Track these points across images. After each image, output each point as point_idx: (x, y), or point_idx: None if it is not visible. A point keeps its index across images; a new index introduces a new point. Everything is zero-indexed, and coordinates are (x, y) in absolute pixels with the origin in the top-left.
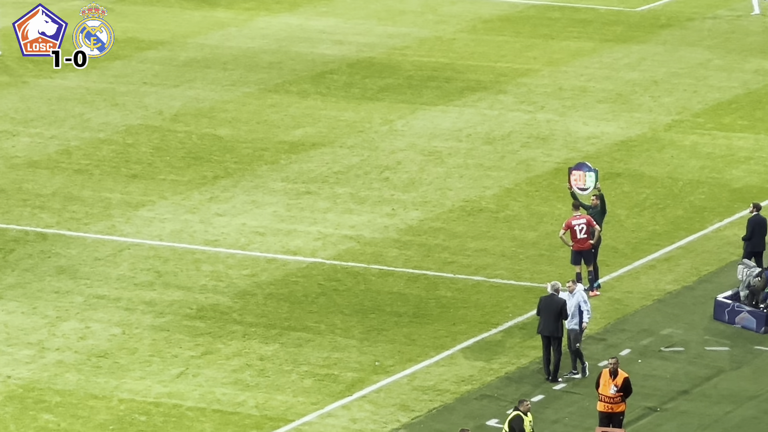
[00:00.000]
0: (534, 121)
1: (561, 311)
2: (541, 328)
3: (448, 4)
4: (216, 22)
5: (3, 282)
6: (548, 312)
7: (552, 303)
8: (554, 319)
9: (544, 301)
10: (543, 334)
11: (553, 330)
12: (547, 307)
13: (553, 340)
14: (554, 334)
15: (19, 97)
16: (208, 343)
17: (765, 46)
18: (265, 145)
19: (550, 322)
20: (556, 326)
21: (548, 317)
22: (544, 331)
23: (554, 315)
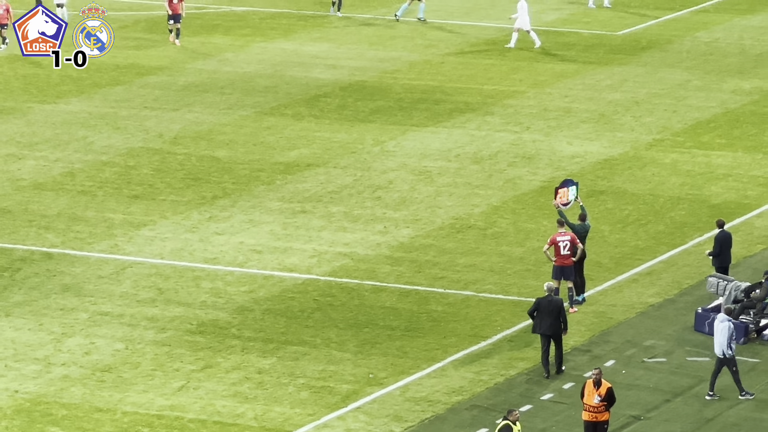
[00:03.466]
0: (520, 141)
1: (560, 310)
2: (542, 328)
3: (437, 28)
4: (213, 48)
5: (10, 300)
6: (548, 312)
7: (551, 303)
8: (554, 318)
9: (542, 302)
10: (545, 334)
11: (555, 329)
12: (547, 307)
13: (555, 338)
14: (556, 332)
15: (25, 121)
16: (209, 357)
17: (742, 67)
18: (261, 166)
19: (551, 322)
20: (557, 325)
21: (548, 317)
22: (546, 330)
23: (554, 314)
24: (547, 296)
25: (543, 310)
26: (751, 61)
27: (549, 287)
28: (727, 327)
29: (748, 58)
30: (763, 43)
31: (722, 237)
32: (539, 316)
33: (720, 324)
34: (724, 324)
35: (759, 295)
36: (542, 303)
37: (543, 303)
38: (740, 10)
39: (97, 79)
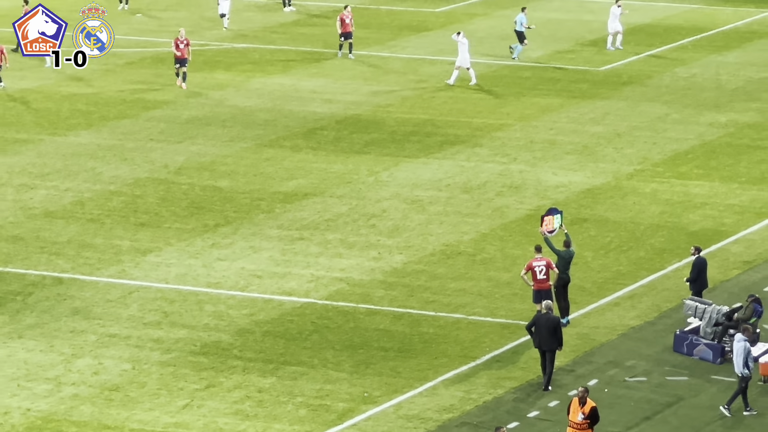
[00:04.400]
0: (507, 171)
1: (556, 327)
2: (538, 342)
3: (428, 64)
4: (216, 83)
5: (23, 322)
6: (545, 328)
7: (548, 320)
8: (551, 334)
9: (540, 318)
10: (542, 348)
11: (550, 344)
12: (545, 323)
13: (549, 353)
14: (551, 347)
15: (36, 153)
16: (211, 377)
17: (718, 101)
18: (261, 195)
19: (547, 337)
20: (553, 340)
21: (545, 332)
22: (543, 345)
23: (550, 330)
24: (546, 313)
25: (540, 326)
26: (726, 96)
27: (547, 305)
28: (743, 347)
29: (723, 92)
30: (738, 78)
31: (699, 262)
32: (537, 332)
33: (737, 344)
34: (740, 344)
35: (744, 315)
36: (540, 319)
37: (541, 319)
38: (716, 47)
39: (105, 112)
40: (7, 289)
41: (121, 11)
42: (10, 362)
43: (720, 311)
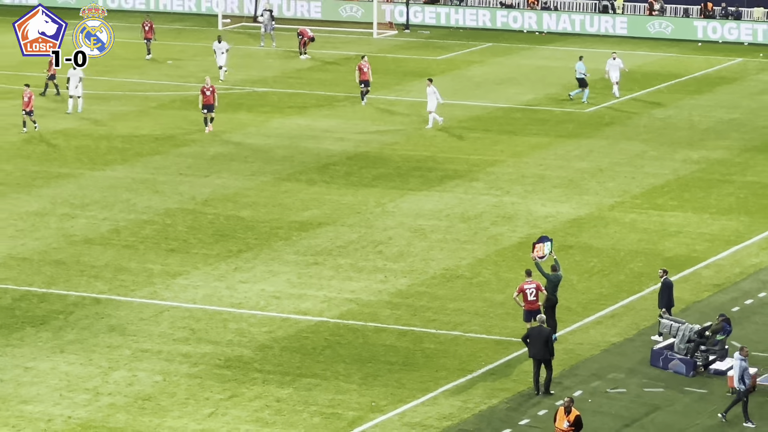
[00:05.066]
0: (501, 203)
1: (548, 339)
2: (532, 353)
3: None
4: (238, 123)
5: (64, 338)
6: (538, 339)
7: (541, 332)
8: (543, 345)
9: (533, 331)
10: (535, 358)
11: (543, 354)
12: (538, 335)
13: (545, 362)
14: (545, 357)
15: (77, 185)
16: (234, 388)
17: (691, 140)
18: (279, 224)
19: (540, 348)
20: (546, 351)
21: (538, 344)
22: (536, 355)
23: (543, 342)
24: (539, 326)
25: (533, 337)
26: (698, 135)
27: (540, 319)
28: (739, 364)
29: (696, 132)
30: (709, 119)
31: (667, 283)
32: (531, 343)
33: (735, 362)
34: (737, 362)
35: (714, 327)
36: (533, 332)
37: (534, 332)
38: (689, 91)
39: (139, 149)
40: (50, 308)
41: (147, 60)
42: (53, 374)
43: (692, 329)
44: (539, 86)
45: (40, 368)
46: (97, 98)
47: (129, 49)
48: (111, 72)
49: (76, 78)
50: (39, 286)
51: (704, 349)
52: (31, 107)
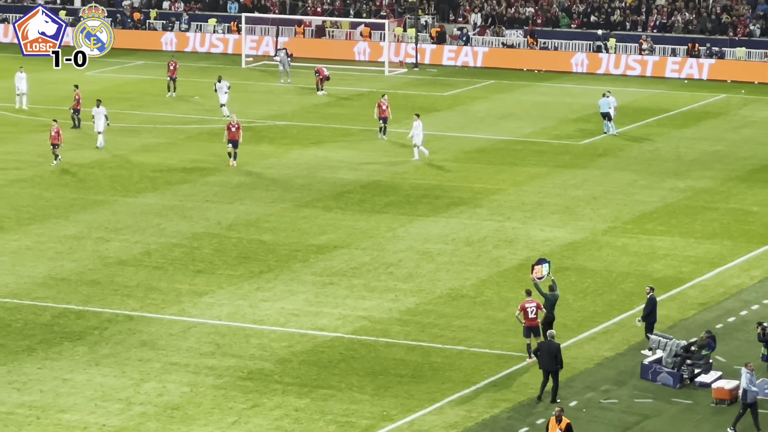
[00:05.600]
0: (502, 228)
1: (557, 352)
2: (541, 365)
3: (437, 139)
4: (260, 154)
5: (99, 352)
6: (547, 353)
7: (550, 346)
8: (552, 357)
9: (543, 344)
10: (544, 369)
11: (551, 366)
12: (547, 349)
13: (553, 373)
14: (552, 368)
15: (111, 211)
16: (256, 398)
17: (677, 170)
18: (298, 247)
19: (549, 360)
20: (554, 363)
21: (547, 357)
22: (545, 366)
23: (552, 355)
24: (548, 341)
25: (543, 351)
26: (685, 165)
27: (551, 334)
28: (746, 378)
29: (682, 162)
30: (695, 151)
31: (652, 300)
32: (540, 356)
33: (742, 376)
34: (744, 376)
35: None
36: (543, 345)
37: (543, 345)
38: (676, 124)
39: (169, 178)
40: (86, 324)
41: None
42: (89, 385)
43: (679, 345)
44: (538, 120)
45: (77, 380)
46: (130, 131)
47: (159, 86)
48: (143, 107)
49: (100, 115)
50: (76, 304)
51: (690, 363)
52: (58, 141)
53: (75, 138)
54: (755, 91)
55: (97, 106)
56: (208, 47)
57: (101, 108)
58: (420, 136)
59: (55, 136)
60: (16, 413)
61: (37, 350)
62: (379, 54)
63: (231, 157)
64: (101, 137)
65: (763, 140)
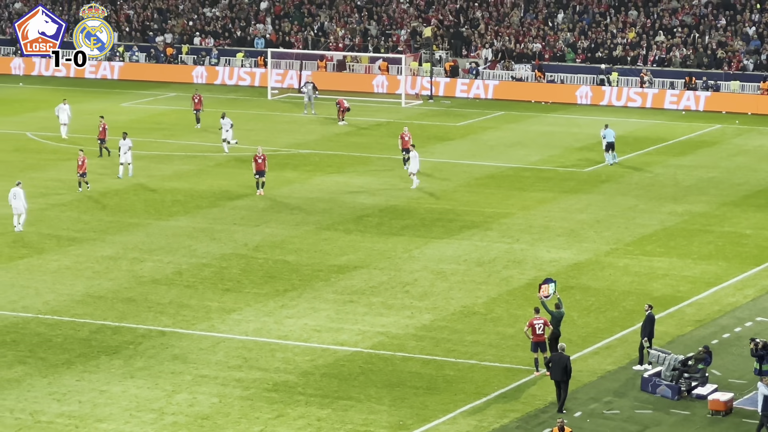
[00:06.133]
0: (512, 249)
1: (566, 364)
2: (553, 375)
3: (451, 166)
4: (285, 180)
5: (134, 365)
6: (559, 364)
7: (561, 358)
8: (562, 369)
9: (555, 356)
10: (555, 379)
11: (562, 376)
12: (558, 361)
13: (563, 383)
14: (563, 379)
15: (145, 233)
16: (281, 409)
17: (675, 195)
18: (320, 267)
19: (559, 371)
20: (564, 373)
21: (558, 368)
22: (556, 377)
23: (562, 366)
24: (559, 354)
25: (555, 362)
26: (682, 191)
27: (561, 347)
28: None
29: (680, 188)
30: (691, 177)
31: (650, 316)
32: (552, 367)
33: (759, 391)
34: (760, 390)
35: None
36: (554, 358)
37: (555, 357)
38: (674, 153)
39: (199, 202)
40: (122, 339)
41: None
42: (124, 396)
43: (677, 359)
44: (545, 149)
45: (113, 391)
46: (162, 158)
47: (190, 117)
48: (174, 136)
49: (125, 147)
50: (112, 320)
51: (687, 377)
52: (84, 169)
53: (110, 165)
54: (748, 122)
55: (123, 138)
56: (236, 80)
57: (127, 140)
58: (416, 166)
59: (81, 164)
60: (56, 422)
61: (76, 363)
62: (396, 87)
63: (258, 187)
64: (129, 167)
65: (755, 167)
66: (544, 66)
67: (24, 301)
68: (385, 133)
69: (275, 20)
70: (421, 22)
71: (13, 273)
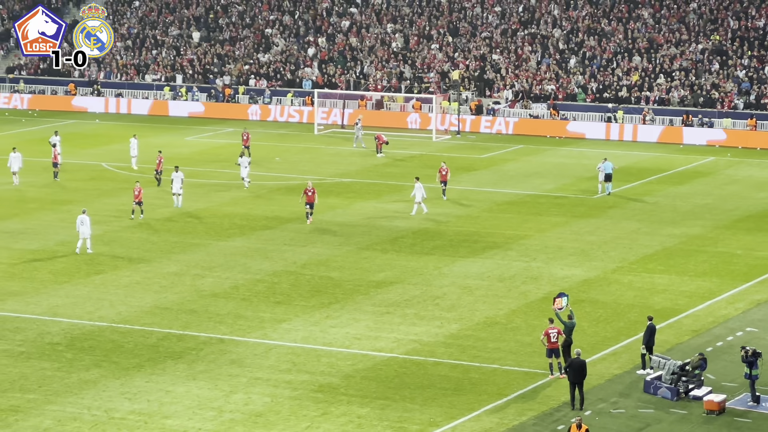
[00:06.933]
0: (529, 267)
1: (582, 367)
2: (571, 377)
3: (475, 194)
4: (329, 206)
5: (196, 369)
6: (575, 367)
7: (577, 362)
8: (579, 371)
9: (575, 361)
10: (572, 381)
11: (579, 378)
12: (574, 364)
13: (579, 385)
14: (579, 381)
15: (206, 252)
16: (325, 407)
17: (674, 219)
18: (360, 283)
19: (577, 373)
20: (581, 375)
21: (576, 371)
22: (573, 378)
23: (579, 369)
24: (576, 358)
25: (573, 366)
26: (680, 216)
27: (578, 352)
28: None
29: (678, 213)
30: (688, 204)
31: (651, 326)
32: (571, 370)
33: None
34: None
35: (694, 363)
36: (573, 362)
37: (574, 362)
38: (673, 182)
39: (254, 225)
40: (185, 346)
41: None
42: (188, 396)
43: (676, 364)
44: (558, 178)
45: (177, 392)
46: (221, 186)
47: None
48: (231, 166)
49: (178, 179)
50: (177, 329)
51: (685, 380)
52: (140, 198)
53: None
54: (739, 155)
55: (176, 170)
56: (287, 117)
57: (179, 173)
58: (420, 195)
59: (137, 194)
60: (127, 419)
61: (145, 367)
62: (428, 123)
63: (308, 217)
64: (179, 198)
65: (745, 195)
66: (558, 105)
67: (100, 312)
68: (418, 165)
69: (321, 64)
70: (450, 66)
71: (90, 287)
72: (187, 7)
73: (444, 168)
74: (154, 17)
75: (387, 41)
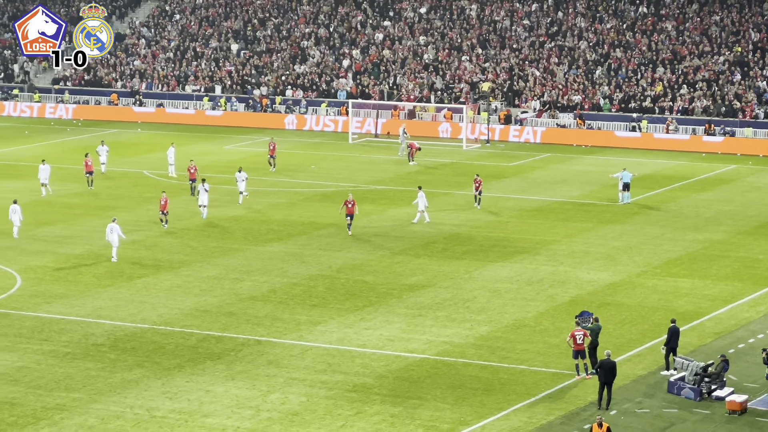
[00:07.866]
0: (557, 271)
1: (613, 368)
2: (601, 377)
3: (504, 200)
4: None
5: (235, 369)
6: (606, 368)
7: (608, 362)
8: (610, 372)
9: (604, 361)
10: (601, 381)
11: (609, 378)
12: (605, 365)
13: (608, 385)
14: (609, 381)
15: (244, 257)
16: (359, 407)
17: (697, 225)
18: (393, 286)
19: (607, 374)
20: (611, 376)
21: (607, 371)
22: (602, 378)
23: (609, 369)
24: (607, 359)
25: (604, 366)
26: (703, 222)
27: (608, 353)
28: None
29: (701, 219)
30: (711, 210)
31: (673, 329)
32: (602, 370)
33: None
34: None
35: (716, 369)
36: (604, 363)
37: (605, 362)
38: (696, 189)
39: (290, 230)
40: (224, 347)
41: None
42: (227, 396)
43: (698, 366)
44: (585, 185)
45: (217, 391)
46: (260, 193)
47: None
48: (268, 174)
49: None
50: (216, 330)
51: (708, 381)
52: (166, 209)
53: (215, 199)
54: (760, 163)
55: (203, 183)
56: (322, 126)
57: (206, 184)
58: (423, 204)
59: (164, 204)
60: (168, 417)
61: (186, 367)
62: (459, 132)
63: (349, 228)
64: (204, 210)
65: (766, 201)
66: (585, 115)
67: (142, 314)
68: (449, 172)
69: (355, 75)
70: (480, 77)
71: (133, 290)
72: (226, 20)
73: (478, 179)
74: (194, 30)
75: (419, 53)
